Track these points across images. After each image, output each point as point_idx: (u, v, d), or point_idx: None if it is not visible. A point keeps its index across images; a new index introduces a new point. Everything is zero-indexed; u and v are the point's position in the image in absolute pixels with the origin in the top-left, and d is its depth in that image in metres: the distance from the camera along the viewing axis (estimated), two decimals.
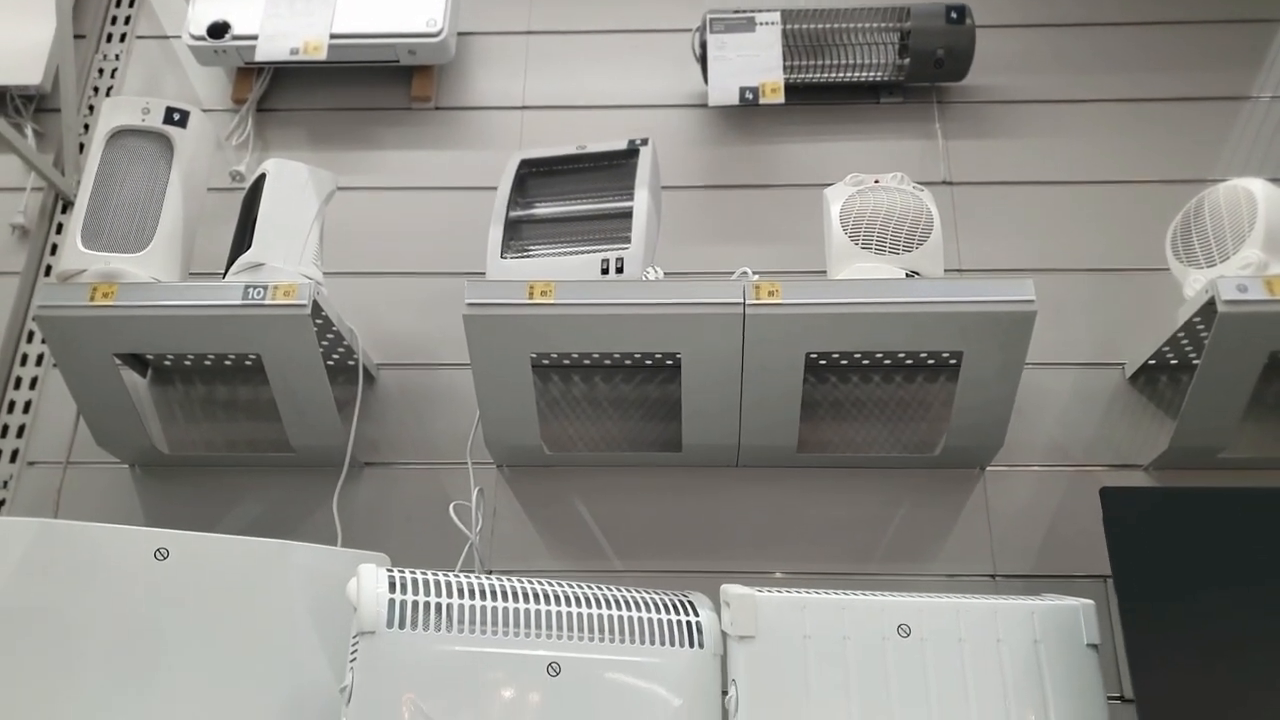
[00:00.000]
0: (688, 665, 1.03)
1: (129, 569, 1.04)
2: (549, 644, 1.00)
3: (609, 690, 1.00)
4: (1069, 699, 1.01)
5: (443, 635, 0.96)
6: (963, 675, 1.02)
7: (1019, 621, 1.04)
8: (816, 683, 1.01)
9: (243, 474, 1.38)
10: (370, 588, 0.96)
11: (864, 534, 1.32)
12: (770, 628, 1.03)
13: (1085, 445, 1.35)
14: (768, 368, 1.19)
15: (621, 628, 1.03)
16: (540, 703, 0.97)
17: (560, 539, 1.33)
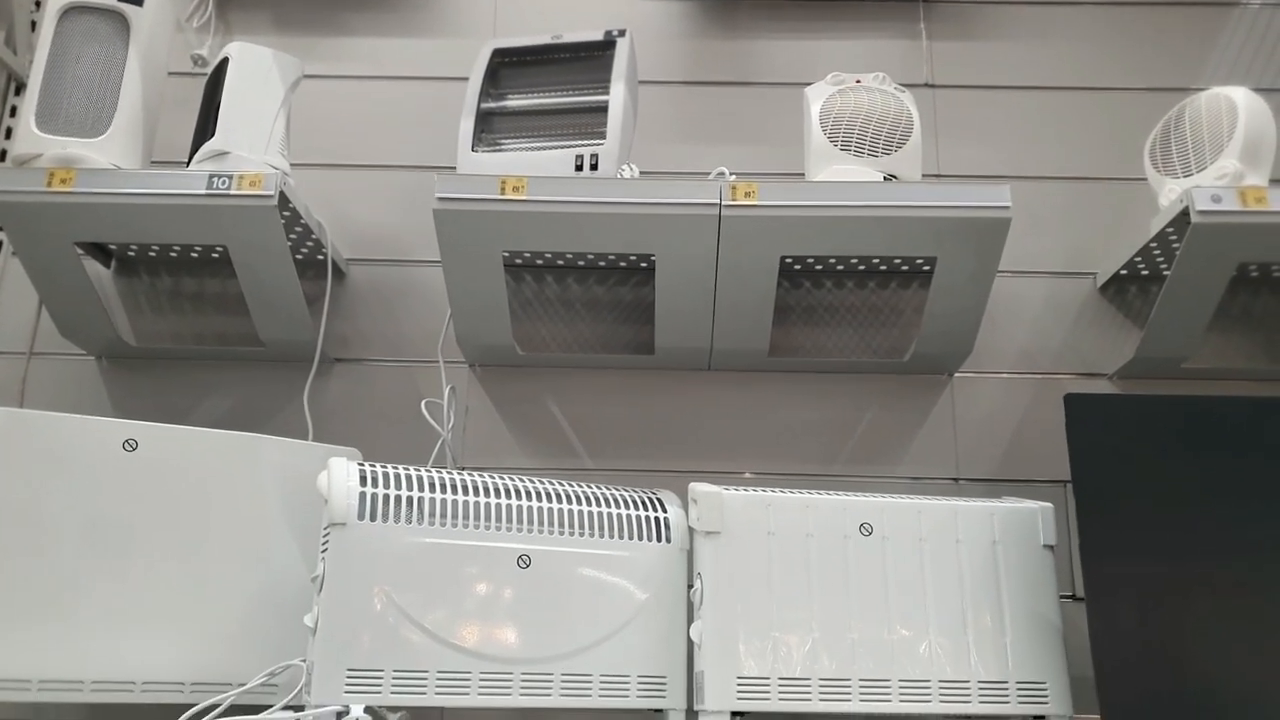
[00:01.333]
0: (655, 559, 1.06)
1: (97, 459, 1.04)
2: (519, 537, 1.01)
3: (578, 582, 1.02)
4: (1023, 596, 1.05)
5: (413, 528, 0.97)
6: (921, 573, 1.05)
7: (978, 522, 1.07)
8: (779, 577, 1.03)
9: (212, 368, 1.37)
10: (341, 480, 0.97)
11: (832, 437, 1.34)
12: (736, 524, 1.05)
13: (1052, 354, 1.37)
14: (742, 270, 1.19)
15: (591, 523, 1.05)
16: (510, 593, 0.99)
17: (532, 437, 1.34)
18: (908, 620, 1.03)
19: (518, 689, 0.97)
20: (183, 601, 1.04)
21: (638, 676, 1.02)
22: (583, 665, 1.00)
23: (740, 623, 1.02)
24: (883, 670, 1.01)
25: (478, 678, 0.96)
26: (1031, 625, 1.04)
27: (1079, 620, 1.20)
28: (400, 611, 0.94)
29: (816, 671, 1.01)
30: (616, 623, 1.02)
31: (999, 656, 1.02)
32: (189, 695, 1.01)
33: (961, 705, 1.01)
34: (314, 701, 0.89)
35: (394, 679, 0.93)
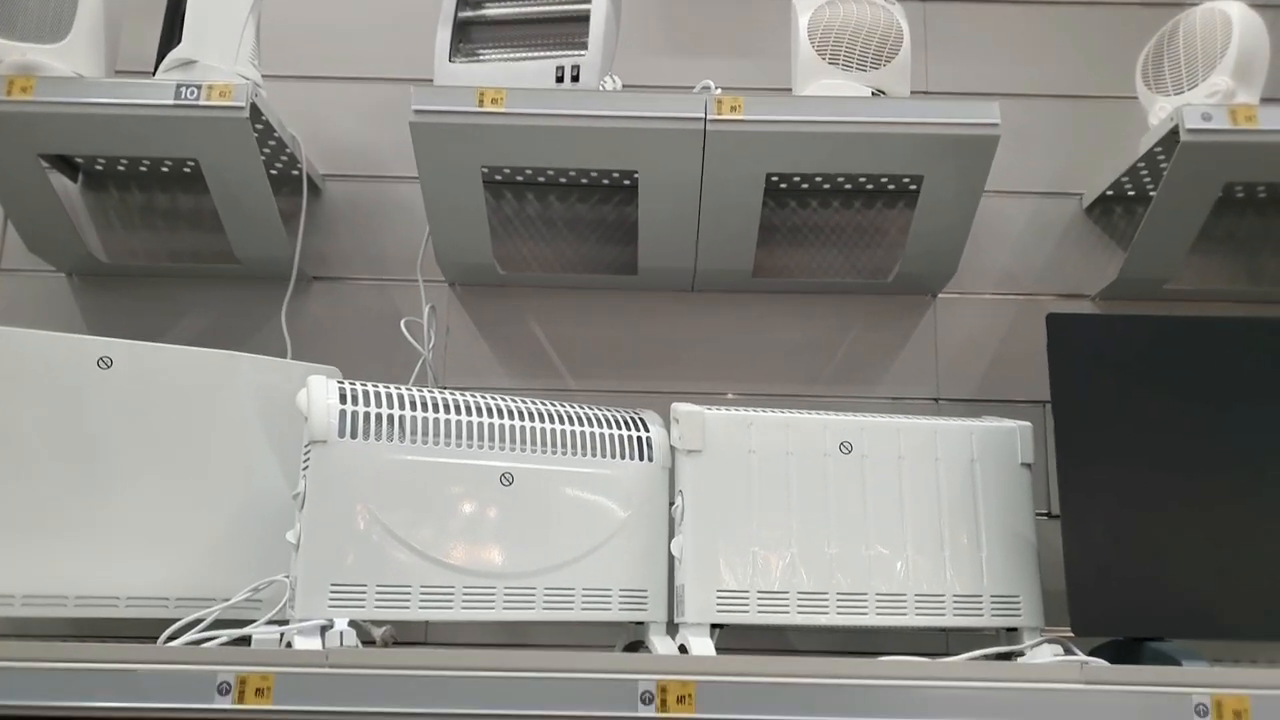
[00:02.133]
0: (637, 477, 1.06)
1: (71, 378, 1.02)
2: (502, 456, 1.01)
3: (560, 499, 1.02)
4: (999, 513, 1.06)
5: (394, 445, 0.97)
6: (899, 490, 1.06)
7: (957, 441, 1.08)
8: (759, 494, 1.04)
9: (187, 285, 1.35)
10: (320, 398, 0.96)
11: (814, 358, 1.34)
12: (717, 443, 1.05)
13: (1036, 275, 1.37)
14: (727, 188, 1.17)
15: (573, 442, 1.05)
16: (493, 510, 0.99)
17: (514, 358, 1.34)
18: (885, 536, 1.04)
19: (501, 603, 0.98)
20: (165, 518, 1.04)
21: (619, 590, 1.03)
22: (565, 579, 1.01)
23: (720, 538, 1.03)
24: (860, 585, 1.03)
25: (461, 592, 0.97)
26: (1006, 541, 1.05)
27: (1053, 537, 1.22)
28: (383, 528, 0.95)
29: (795, 586, 1.03)
30: (598, 538, 1.03)
31: (974, 571, 1.04)
32: (173, 610, 1.02)
33: (936, 618, 1.03)
34: (298, 616, 0.90)
35: (377, 594, 0.93)
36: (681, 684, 0.84)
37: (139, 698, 0.82)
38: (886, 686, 0.84)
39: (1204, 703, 0.84)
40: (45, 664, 0.82)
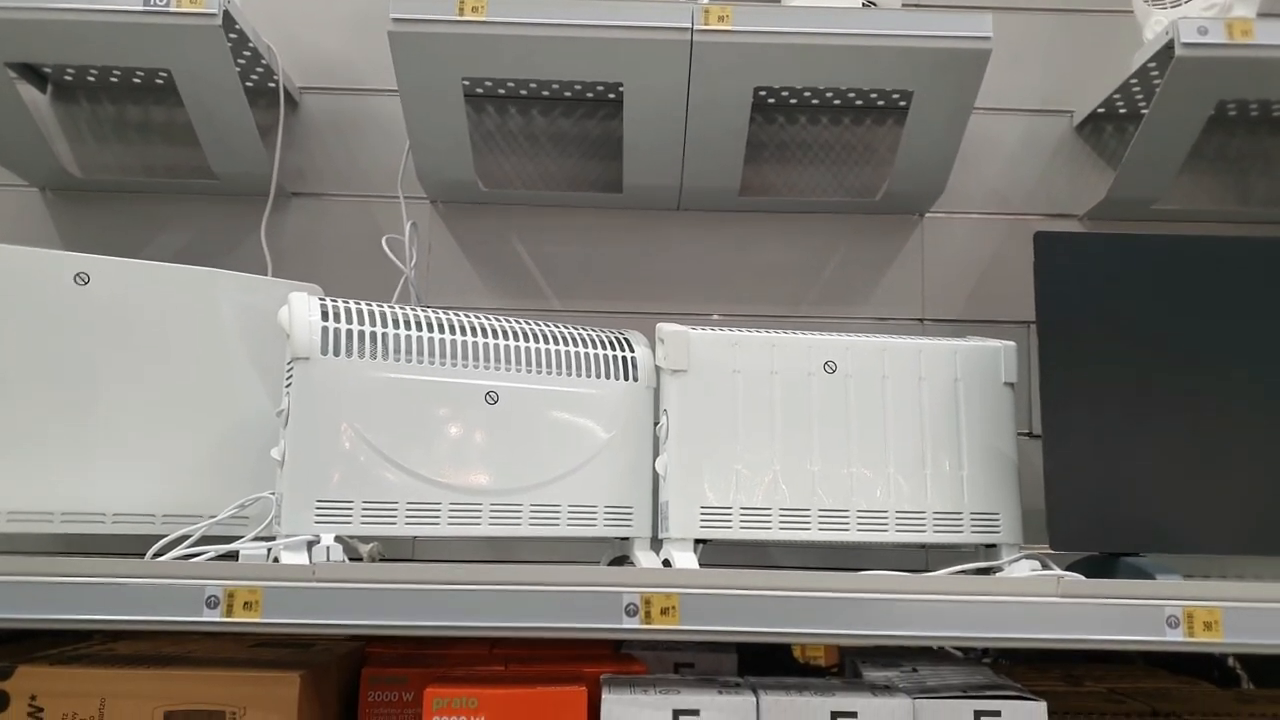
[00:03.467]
0: (622, 397, 1.06)
1: (47, 294, 1.01)
2: (486, 374, 1.01)
3: (546, 418, 1.02)
4: (981, 431, 1.07)
5: (378, 363, 0.97)
6: (882, 409, 1.06)
7: (941, 360, 1.08)
8: (743, 413, 1.05)
9: (164, 201, 1.32)
10: (302, 314, 0.95)
11: (800, 278, 1.33)
12: (702, 362, 1.05)
13: (1024, 194, 1.35)
14: (714, 102, 1.15)
15: (558, 361, 1.05)
16: (478, 428, 0.99)
17: (497, 277, 1.32)
18: (868, 455, 1.05)
19: (487, 519, 0.99)
20: (149, 435, 1.03)
21: (605, 507, 1.04)
22: (551, 496, 1.02)
23: (704, 456, 1.03)
24: (841, 502, 1.04)
25: (447, 508, 0.98)
26: (988, 459, 1.06)
27: (1034, 457, 1.24)
28: (367, 444, 0.95)
29: (777, 502, 1.04)
30: (584, 456, 1.04)
31: (955, 489, 1.06)
32: (160, 526, 1.02)
33: (917, 535, 1.05)
34: (284, 531, 0.91)
35: (363, 509, 0.94)
36: (665, 596, 0.85)
37: (128, 611, 0.82)
38: (868, 599, 0.86)
39: (1176, 615, 0.86)
40: (35, 577, 0.82)
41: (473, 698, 0.85)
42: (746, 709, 0.86)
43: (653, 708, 0.85)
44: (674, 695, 0.86)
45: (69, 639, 1.04)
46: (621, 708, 0.85)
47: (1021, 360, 1.19)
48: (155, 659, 0.89)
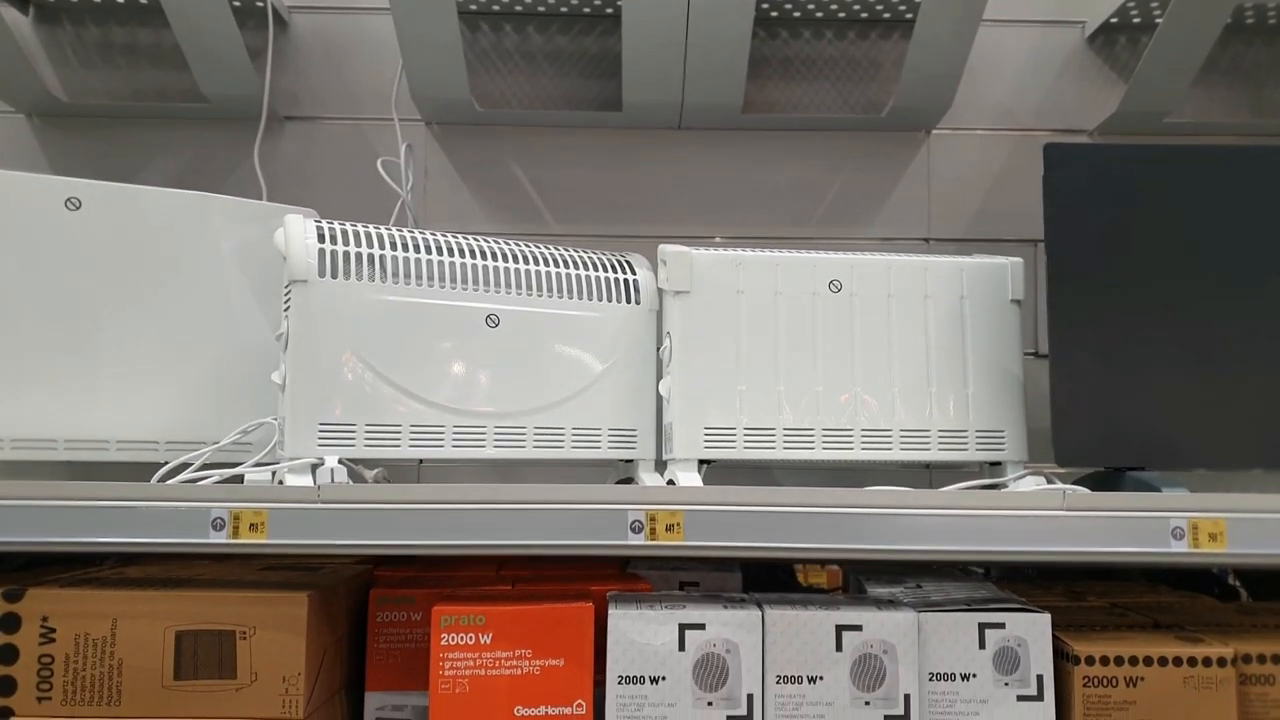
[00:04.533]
0: (624, 320, 1.05)
1: (37, 220, 0.99)
2: (487, 297, 1.00)
3: (548, 341, 1.01)
4: (987, 349, 1.06)
5: (377, 285, 0.95)
6: (888, 327, 1.05)
7: (947, 277, 1.07)
8: (747, 334, 1.04)
9: (155, 126, 1.29)
10: (298, 237, 0.94)
11: (805, 198, 1.31)
12: (705, 283, 1.04)
13: (1034, 109, 1.32)
14: (715, 14, 1.11)
15: (559, 284, 1.03)
16: (480, 351, 0.98)
17: (495, 201, 1.30)
18: (872, 374, 1.04)
19: (491, 442, 0.99)
20: (149, 362, 1.02)
21: (609, 430, 1.04)
22: (554, 419, 1.01)
23: (708, 377, 1.03)
24: (846, 421, 1.04)
25: (451, 432, 0.97)
26: (993, 377, 1.06)
27: (1039, 377, 1.23)
28: (368, 368, 0.94)
29: (781, 422, 1.03)
30: (587, 379, 1.03)
31: (960, 407, 1.05)
32: (163, 454, 1.02)
33: (921, 453, 1.05)
34: (288, 455, 0.90)
35: (366, 432, 0.93)
36: (670, 513, 0.85)
37: (135, 533, 0.83)
38: (873, 514, 0.86)
39: (1181, 526, 0.86)
40: (42, 501, 0.83)
41: (480, 615, 0.85)
42: (752, 622, 0.86)
43: (659, 622, 0.86)
44: (680, 610, 0.87)
45: (79, 564, 1.05)
46: (628, 622, 0.86)
47: (1028, 279, 1.18)
48: (165, 582, 0.90)
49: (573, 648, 0.86)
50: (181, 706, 0.83)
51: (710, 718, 0.85)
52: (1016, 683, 0.87)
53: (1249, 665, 0.88)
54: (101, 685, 0.83)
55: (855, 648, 0.87)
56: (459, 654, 0.85)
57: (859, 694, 0.86)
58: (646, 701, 0.85)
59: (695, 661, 0.86)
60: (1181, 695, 0.86)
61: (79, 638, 0.83)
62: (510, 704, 0.84)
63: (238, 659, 0.84)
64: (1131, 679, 0.86)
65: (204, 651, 0.84)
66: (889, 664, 0.86)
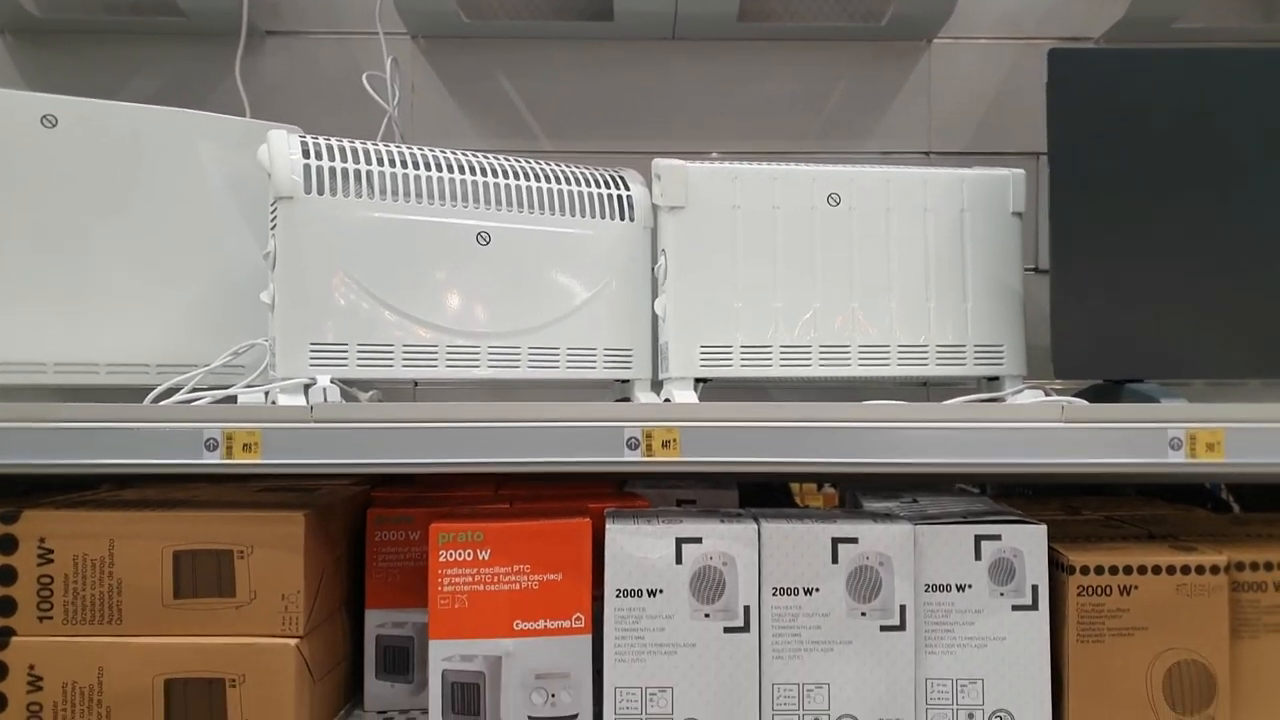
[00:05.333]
0: (619, 237, 1.03)
1: (12, 137, 0.96)
2: (477, 214, 0.98)
3: (540, 259, 1.00)
4: (987, 262, 1.04)
5: (365, 202, 0.93)
6: (887, 242, 1.04)
7: (948, 190, 1.05)
8: (744, 249, 1.02)
9: (133, 43, 1.25)
10: (282, 152, 0.91)
11: (802, 111, 1.28)
12: (700, 198, 1.02)
13: (1037, 16, 1.28)
14: None
15: (551, 200, 1.01)
16: (471, 269, 0.97)
17: (484, 116, 1.27)
18: (871, 289, 1.03)
19: (485, 362, 0.98)
20: (137, 284, 1.01)
21: (604, 349, 1.03)
22: (549, 339, 1.00)
23: (704, 295, 1.01)
24: (843, 338, 1.03)
25: (445, 351, 0.96)
26: (992, 290, 1.04)
27: (1039, 293, 1.22)
28: (359, 286, 0.92)
29: (778, 339, 1.02)
30: (581, 299, 1.02)
31: (958, 321, 1.04)
32: (154, 376, 1.01)
33: (919, 369, 1.04)
34: (279, 375, 0.90)
35: (359, 352, 0.92)
36: (666, 429, 0.85)
37: (129, 455, 0.82)
38: (870, 428, 0.85)
39: (1179, 436, 0.85)
40: (37, 424, 0.82)
41: (478, 531, 0.85)
42: (749, 536, 0.87)
43: (656, 536, 0.86)
44: (677, 525, 0.87)
45: (75, 489, 1.05)
46: (626, 537, 0.86)
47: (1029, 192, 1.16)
48: (162, 503, 0.90)
49: (571, 563, 0.86)
50: (183, 624, 0.83)
51: (707, 629, 0.86)
52: (1011, 593, 0.87)
53: (1241, 573, 0.89)
54: (102, 604, 0.83)
55: (851, 560, 0.87)
56: (457, 570, 0.85)
57: (855, 605, 0.87)
58: (644, 614, 0.86)
59: (692, 574, 0.86)
60: (1174, 602, 0.87)
61: (77, 558, 0.83)
62: (510, 618, 0.85)
63: (236, 578, 0.84)
64: (1125, 587, 0.87)
65: (203, 571, 0.84)
66: (885, 576, 0.87)
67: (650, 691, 0.85)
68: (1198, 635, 0.87)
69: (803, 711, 0.87)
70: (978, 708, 0.87)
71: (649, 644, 0.86)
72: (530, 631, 0.85)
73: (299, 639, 0.84)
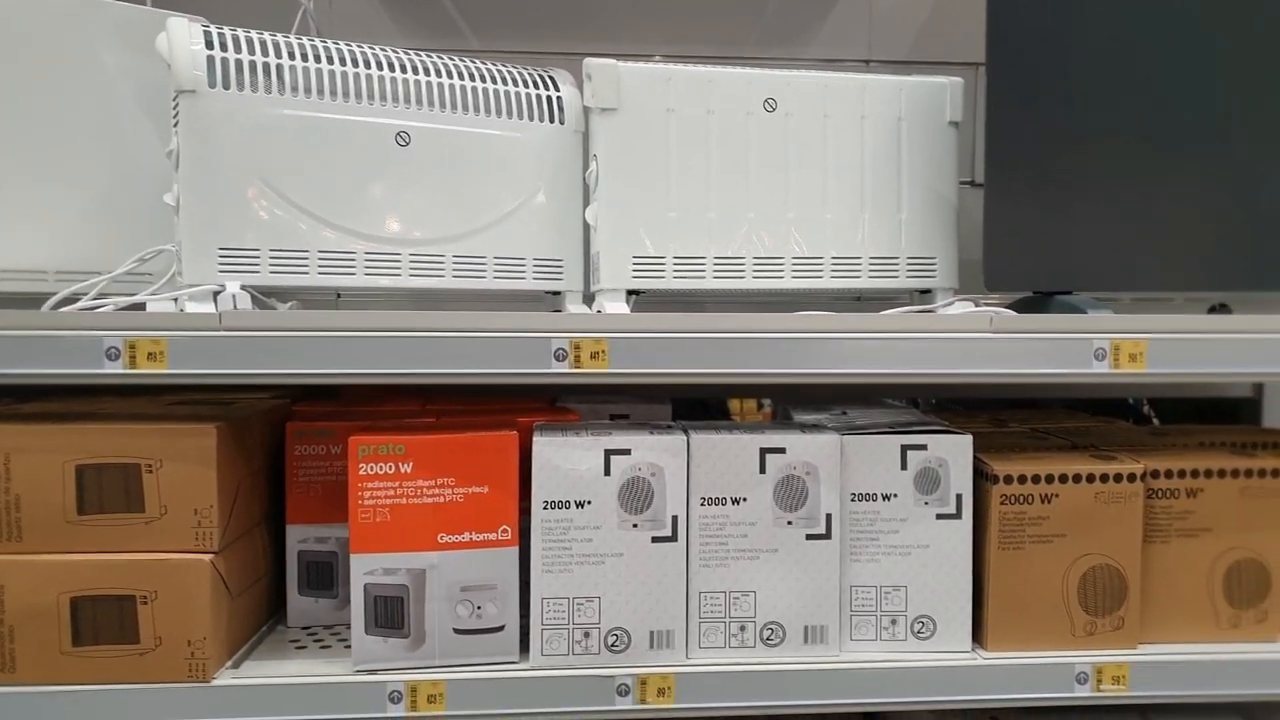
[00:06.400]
0: (548, 141, 0.99)
1: None
2: (396, 113, 0.93)
3: (465, 163, 0.95)
4: (923, 173, 1.03)
5: (275, 98, 0.88)
6: (823, 150, 1.01)
7: (885, 97, 1.02)
8: (678, 156, 0.99)
9: None
10: (183, 42, 0.85)
11: (740, 15, 1.23)
12: (633, 101, 0.98)
13: None
14: None
15: (476, 100, 0.96)
16: (391, 172, 0.92)
17: (407, 13, 1.20)
18: (806, 199, 1.01)
19: (407, 270, 0.94)
20: (32, 184, 0.94)
21: (533, 259, 0.99)
22: (475, 247, 0.97)
23: (636, 203, 0.98)
24: (778, 249, 1.01)
25: (363, 258, 0.92)
26: (927, 201, 1.03)
27: (974, 207, 1.21)
28: (269, 187, 0.87)
29: (712, 251, 1.00)
30: (508, 206, 0.98)
31: (892, 233, 1.03)
32: (53, 284, 0.95)
33: (852, 281, 1.03)
34: (186, 281, 0.85)
35: (271, 258, 0.88)
36: (595, 341, 0.83)
37: (23, 364, 0.78)
38: (801, 339, 0.84)
39: (1103, 347, 0.86)
40: None
41: (399, 444, 0.83)
42: (677, 446, 0.86)
43: (584, 448, 0.85)
44: (605, 437, 0.86)
45: None
46: (553, 449, 0.85)
47: (968, 104, 1.14)
48: (64, 416, 0.86)
49: (497, 475, 0.84)
50: (88, 541, 0.80)
51: (635, 539, 0.85)
52: (936, 502, 0.88)
53: (1156, 480, 0.91)
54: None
55: (779, 469, 0.87)
56: (378, 483, 0.83)
57: (781, 514, 0.87)
58: (572, 525, 0.85)
59: (621, 485, 0.85)
60: (1092, 510, 0.89)
61: None
62: (434, 531, 0.83)
63: (145, 493, 0.81)
64: (1046, 496, 0.88)
65: (109, 485, 0.80)
66: (811, 485, 0.87)
67: (578, 601, 0.85)
68: (1113, 541, 0.89)
69: (729, 619, 0.87)
70: (900, 614, 0.89)
71: (576, 555, 0.85)
72: (455, 544, 0.84)
73: (214, 554, 0.81)
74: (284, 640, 0.92)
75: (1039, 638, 0.89)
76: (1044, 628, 0.89)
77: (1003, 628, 0.89)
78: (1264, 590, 0.92)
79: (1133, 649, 0.90)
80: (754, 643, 0.87)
